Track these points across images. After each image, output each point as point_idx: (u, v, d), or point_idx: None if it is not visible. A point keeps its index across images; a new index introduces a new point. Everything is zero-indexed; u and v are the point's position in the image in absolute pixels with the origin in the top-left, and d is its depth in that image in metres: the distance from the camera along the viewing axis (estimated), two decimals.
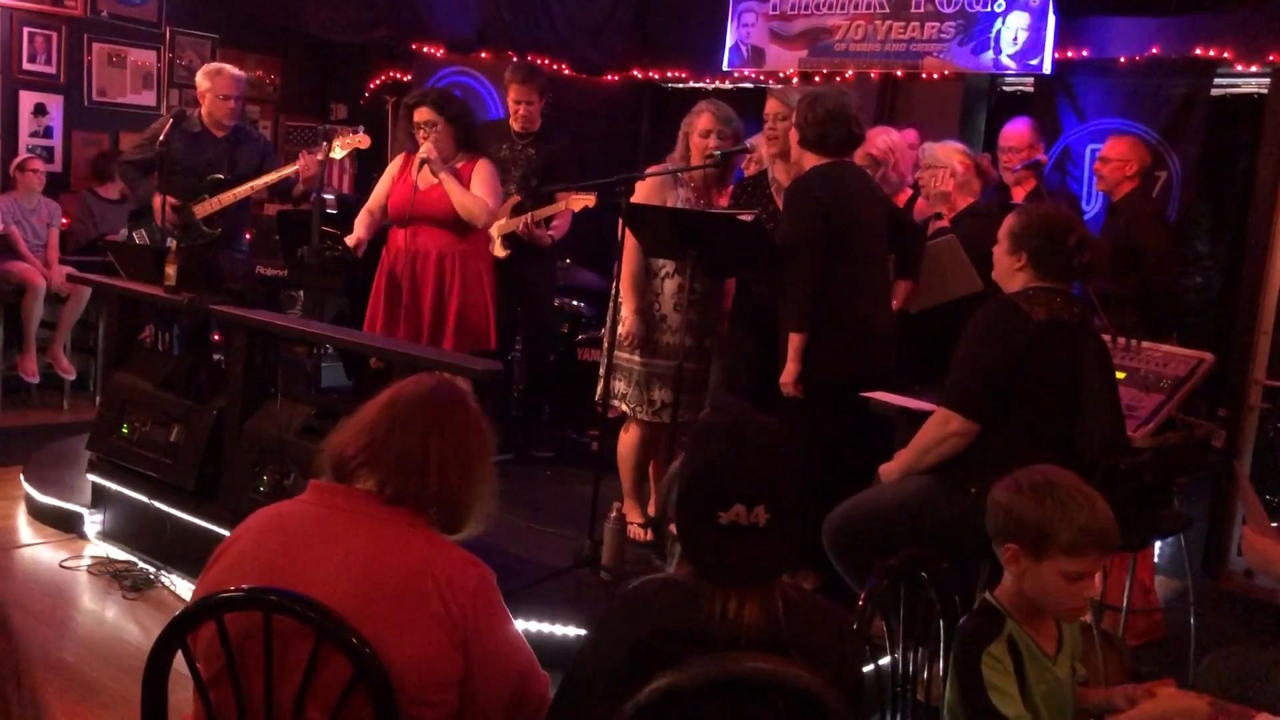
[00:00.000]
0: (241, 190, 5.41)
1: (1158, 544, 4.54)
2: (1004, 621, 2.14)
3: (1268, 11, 4.88)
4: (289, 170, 5.41)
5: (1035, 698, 2.11)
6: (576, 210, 5.44)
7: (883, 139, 4.66)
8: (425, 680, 1.80)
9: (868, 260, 3.90)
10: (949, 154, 4.62)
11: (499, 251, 5.35)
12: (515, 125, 5.54)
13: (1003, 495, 2.19)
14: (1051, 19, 5.37)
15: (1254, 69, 5.15)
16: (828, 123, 3.83)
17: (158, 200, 5.26)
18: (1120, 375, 3.52)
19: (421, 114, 4.75)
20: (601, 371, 4.39)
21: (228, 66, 5.67)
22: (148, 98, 7.64)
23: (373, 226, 4.94)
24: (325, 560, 1.85)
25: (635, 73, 7.28)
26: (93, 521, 4.69)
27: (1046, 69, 5.48)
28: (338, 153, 5.25)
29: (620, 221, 4.23)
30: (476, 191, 4.71)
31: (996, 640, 2.11)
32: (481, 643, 1.84)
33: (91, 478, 4.70)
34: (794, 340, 3.80)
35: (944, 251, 4.19)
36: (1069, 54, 5.52)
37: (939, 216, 4.46)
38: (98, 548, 4.59)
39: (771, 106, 4.15)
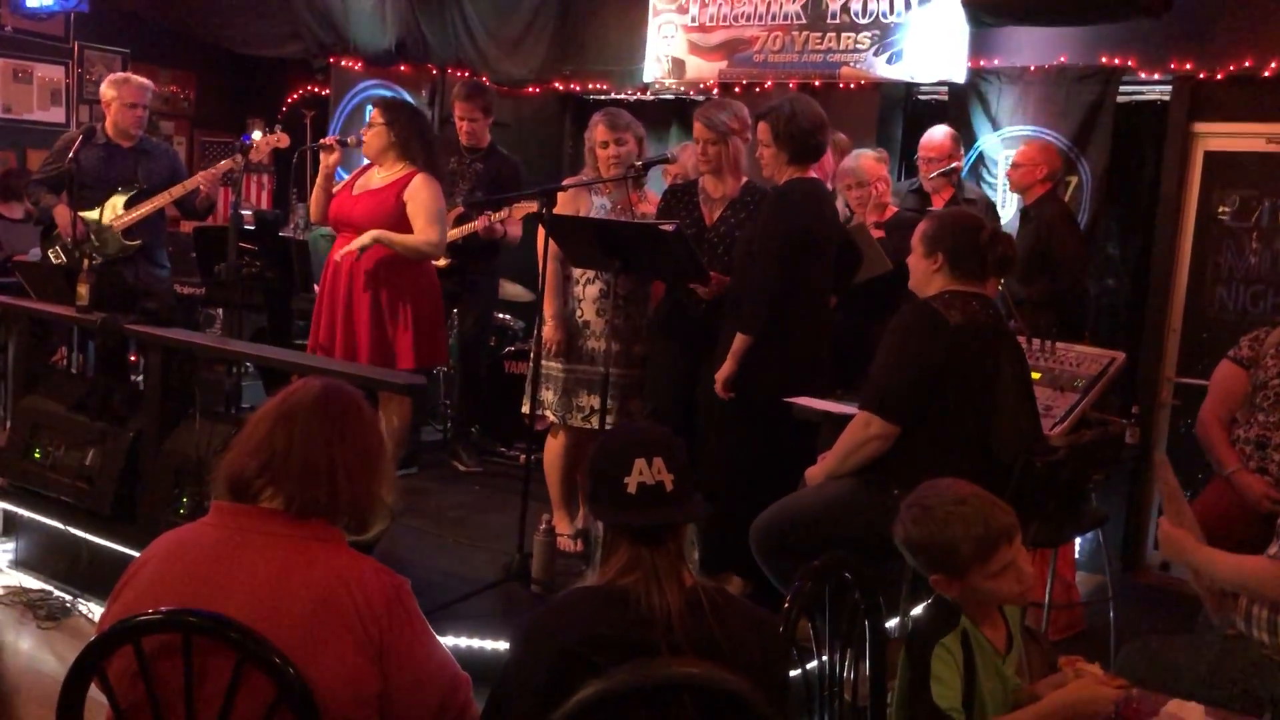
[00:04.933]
0: (160, 199, 5.32)
1: (1077, 540, 4.65)
2: (959, 617, 2.20)
3: (1168, 23, 5.04)
4: (193, 183, 5.33)
5: (982, 693, 2.16)
6: (519, 218, 5.50)
7: None
8: (344, 698, 1.77)
9: (820, 281, 3.95)
10: (874, 167, 4.70)
11: (440, 260, 5.35)
12: (462, 140, 5.61)
13: (900, 534, 2.26)
14: (964, 29, 5.49)
15: (1156, 76, 5.31)
16: (815, 132, 3.86)
17: (65, 216, 5.14)
18: (1036, 376, 3.60)
19: (371, 114, 4.71)
20: (528, 382, 4.38)
21: (134, 76, 5.57)
22: (56, 114, 7.47)
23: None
24: (236, 582, 1.81)
25: (556, 85, 7.28)
26: (4, 550, 4.56)
27: (960, 78, 5.60)
28: (257, 153, 5.21)
29: (540, 232, 4.23)
30: (417, 225, 4.50)
31: (951, 634, 2.17)
32: (399, 656, 1.82)
33: (2, 505, 4.57)
34: (740, 340, 3.81)
35: (858, 235, 4.28)
36: (981, 63, 5.64)
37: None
38: (10, 577, 4.45)
39: (700, 132, 4.12)
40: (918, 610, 2.28)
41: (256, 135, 5.24)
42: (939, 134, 5.20)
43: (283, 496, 1.87)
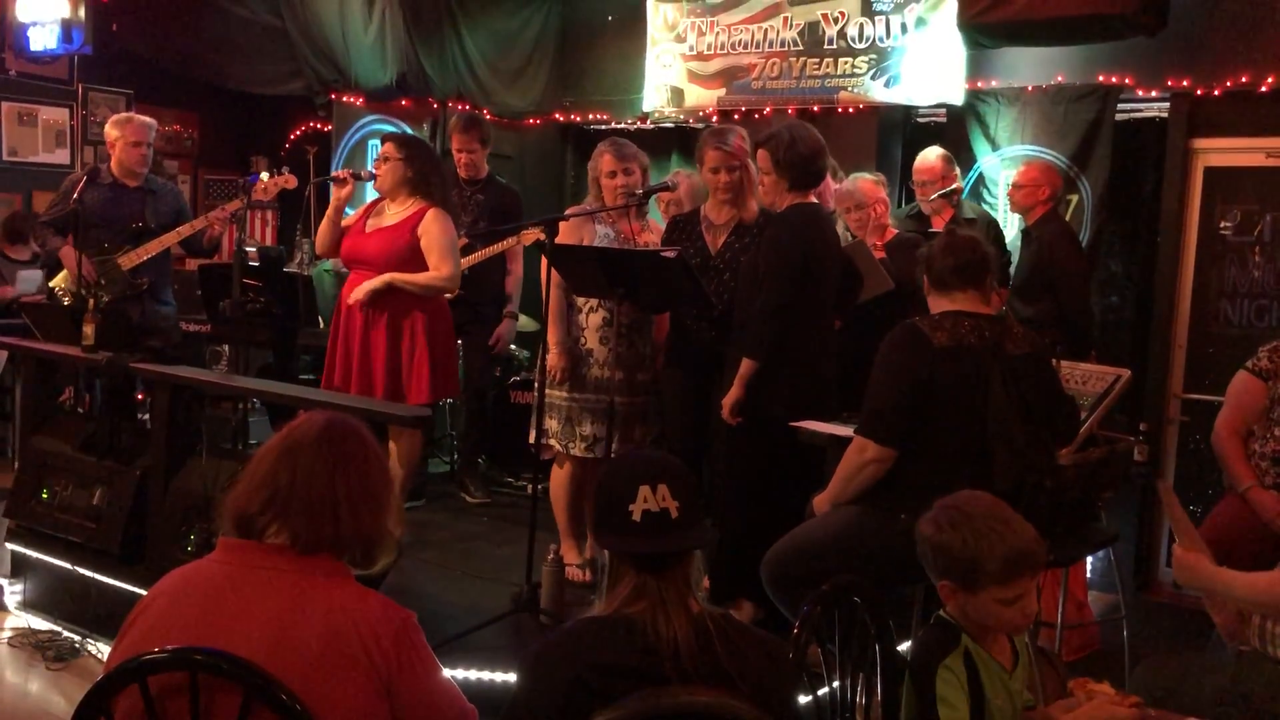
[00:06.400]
0: (167, 238, 5.35)
1: (1089, 559, 4.62)
2: (960, 636, 2.18)
3: (1163, 40, 5.06)
4: (201, 222, 5.36)
5: (991, 710, 2.13)
6: (528, 244, 5.55)
7: None
8: None
9: (823, 304, 3.96)
10: (872, 190, 4.74)
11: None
12: (460, 173, 5.65)
13: (926, 531, 2.23)
14: (961, 51, 5.51)
15: (1154, 94, 5.33)
16: (815, 158, 3.89)
17: (71, 258, 5.16)
18: None
19: (384, 149, 4.71)
20: (534, 412, 4.38)
21: (136, 115, 5.62)
22: (61, 156, 7.52)
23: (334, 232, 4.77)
24: (243, 619, 1.80)
25: (557, 116, 7.33)
26: (12, 592, 4.55)
27: (957, 100, 5.62)
28: (266, 194, 5.23)
29: (543, 261, 4.24)
30: (431, 260, 4.53)
31: (953, 653, 2.15)
32: (407, 690, 1.82)
33: (10, 546, 4.56)
34: (746, 365, 3.82)
35: (858, 253, 4.29)
36: (979, 84, 5.67)
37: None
38: (18, 619, 4.45)
39: (719, 158, 4.10)
40: (920, 634, 2.25)
41: (264, 176, 5.27)
42: (931, 156, 5.21)
43: (288, 533, 1.87)
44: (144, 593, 4.08)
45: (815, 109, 5.97)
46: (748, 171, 4.11)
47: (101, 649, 4.13)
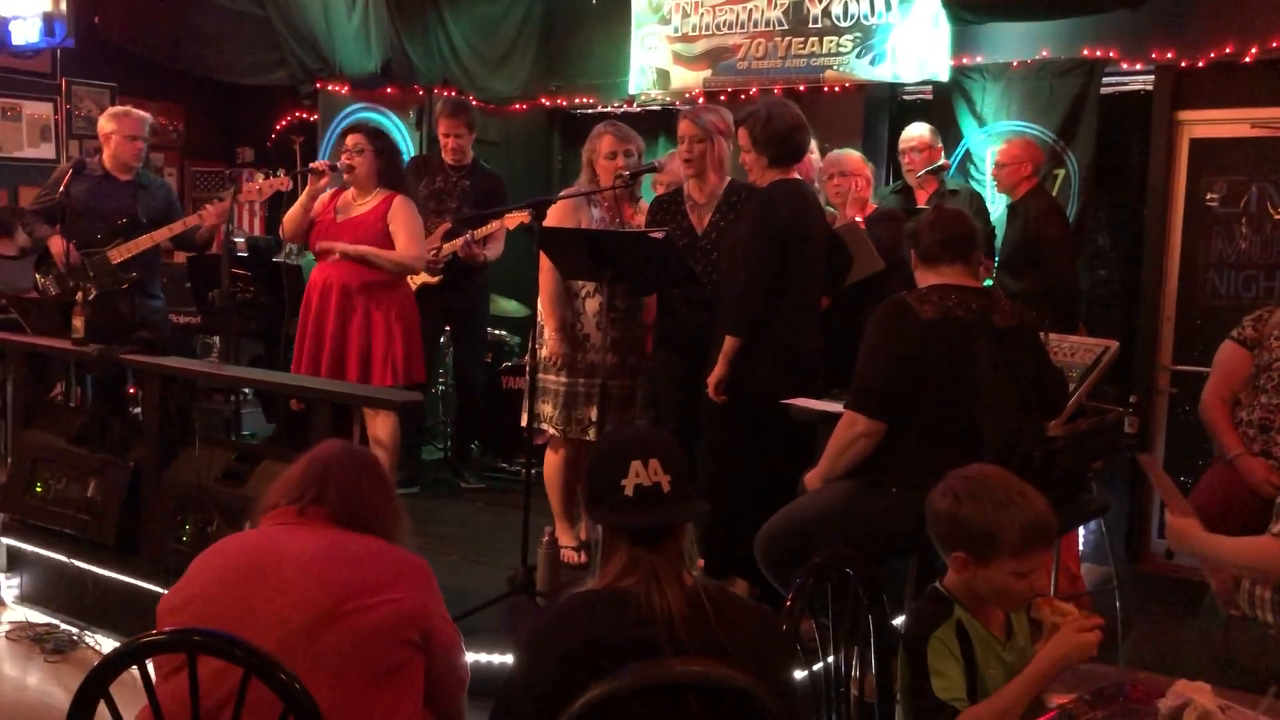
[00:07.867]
0: (160, 233, 5.34)
1: (1082, 532, 4.65)
2: (953, 607, 2.18)
3: (1147, 13, 5.07)
4: (195, 220, 5.35)
5: (985, 681, 2.15)
6: (511, 228, 5.55)
7: None
8: (408, 617, 2.03)
9: (807, 280, 3.96)
10: (859, 163, 4.81)
11: (431, 277, 5.41)
12: (447, 158, 5.64)
13: (942, 503, 2.21)
14: (945, 27, 5.51)
15: (1139, 67, 5.34)
16: (792, 133, 3.89)
17: (59, 245, 5.16)
18: None
19: (353, 139, 4.80)
20: (526, 396, 4.39)
21: (132, 109, 5.60)
22: (46, 150, 7.47)
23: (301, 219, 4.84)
24: (298, 540, 2.08)
25: (543, 100, 7.31)
26: (9, 585, 4.55)
27: (943, 76, 5.62)
28: (260, 195, 5.27)
29: (537, 246, 4.25)
30: (400, 242, 4.72)
31: (945, 624, 2.15)
32: (433, 620, 2.11)
33: (5, 540, 4.57)
34: (729, 343, 3.82)
35: (849, 234, 4.30)
36: (964, 60, 5.67)
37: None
38: (15, 612, 4.45)
39: (686, 129, 4.14)
40: (913, 606, 2.26)
41: (260, 177, 5.32)
42: (918, 127, 5.24)
43: (326, 510, 2.15)
44: (140, 584, 4.13)
45: (801, 88, 5.97)
46: (713, 146, 4.12)
47: (100, 640, 4.14)
